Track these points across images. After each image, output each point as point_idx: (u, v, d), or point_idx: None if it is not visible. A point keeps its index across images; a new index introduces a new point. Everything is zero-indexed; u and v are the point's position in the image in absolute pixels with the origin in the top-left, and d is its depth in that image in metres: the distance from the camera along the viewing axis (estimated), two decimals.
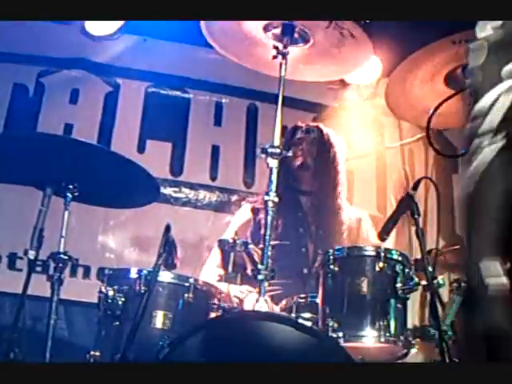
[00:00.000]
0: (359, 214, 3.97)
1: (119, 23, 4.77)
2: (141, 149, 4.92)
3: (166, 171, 4.94)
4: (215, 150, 5.09)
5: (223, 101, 5.21)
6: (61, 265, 2.98)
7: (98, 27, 4.84)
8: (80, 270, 4.50)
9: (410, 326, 2.84)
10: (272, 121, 2.95)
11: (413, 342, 2.78)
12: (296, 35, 3.16)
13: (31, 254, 3.04)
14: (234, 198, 5.01)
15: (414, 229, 2.90)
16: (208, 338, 2.41)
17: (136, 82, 5.07)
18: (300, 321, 2.43)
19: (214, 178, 5.04)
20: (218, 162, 5.07)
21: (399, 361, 2.86)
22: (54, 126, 4.69)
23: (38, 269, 3.23)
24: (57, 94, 4.88)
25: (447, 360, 2.59)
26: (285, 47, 3.07)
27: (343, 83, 5.14)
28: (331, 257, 2.90)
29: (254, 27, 3.16)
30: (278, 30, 3.15)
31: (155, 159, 4.79)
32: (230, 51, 3.30)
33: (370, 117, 5.34)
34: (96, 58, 4.97)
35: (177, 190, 4.94)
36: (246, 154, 5.13)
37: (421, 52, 3.32)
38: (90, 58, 4.95)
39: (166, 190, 4.82)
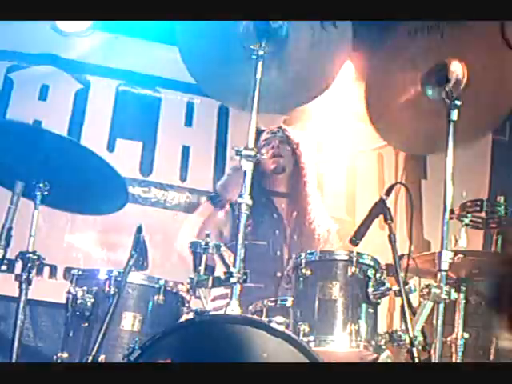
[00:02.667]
0: (330, 225, 3.97)
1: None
2: (110, 147, 4.87)
3: (136, 171, 4.89)
4: (185, 151, 5.06)
5: (194, 101, 5.17)
6: (29, 264, 2.93)
7: (69, 23, 4.78)
8: (46, 270, 4.43)
9: (380, 330, 2.85)
10: (243, 122, 2.93)
11: (383, 346, 2.78)
12: (272, 35, 3.13)
13: None
14: (204, 199, 4.98)
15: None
16: (180, 340, 2.39)
17: (107, 79, 5.02)
18: (272, 324, 2.41)
19: (183, 179, 5.01)
20: (188, 162, 5.04)
21: None
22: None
23: (4, 268, 3.18)
24: (26, 90, 4.81)
25: None
26: (260, 49, 3.04)
27: None
28: (303, 260, 2.90)
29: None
30: (253, 32, 3.13)
31: (125, 158, 4.75)
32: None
33: (341, 120, 5.35)
34: (67, 54, 4.91)
35: (146, 189, 4.90)
36: (217, 156, 5.11)
37: (383, 52, 3.37)
38: (61, 55, 4.89)
39: (135, 190, 4.77)
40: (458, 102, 3.07)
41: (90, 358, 2.58)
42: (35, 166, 3.02)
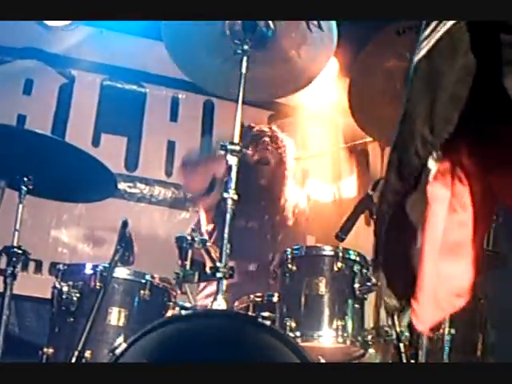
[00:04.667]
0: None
1: None
2: (95, 142, 4.86)
3: (121, 166, 4.88)
4: (171, 146, 5.05)
5: (179, 96, 5.16)
6: (14, 259, 2.91)
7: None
8: (31, 265, 4.42)
9: (367, 326, 2.86)
10: (228, 117, 2.92)
11: (370, 342, 2.79)
12: (258, 31, 3.13)
13: None
14: (189, 194, 4.98)
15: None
16: (166, 335, 2.38)
17: (91, 74, 5.00)
18: (260, 320, 2.41)
19: (169, 174, 5.00)
20: (174, 157, 5.03)
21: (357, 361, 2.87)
22: (6, 116, 4.59)
23: None
24: (10, 84, 4.78)
25: (404, 360, 2.61)
26: (246, 44, 3.04)
27: None
28: (289, 256, 2.90)
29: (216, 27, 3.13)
30: (239, 27, 3.12)
31: (110, 153, 4.73)
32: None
33: (326, 116, 5.36)
34: (51, 48, 4.88)
35: (131, 185, 4.89)
36: (202, 151, 5.10)
37: (371, 47, 3.37)
38: (45, 49, 4.87)
39: (121, 185, 4.75)
40: None
41: (76, 354, 2.57)
42: (19, 160, 3.01)
